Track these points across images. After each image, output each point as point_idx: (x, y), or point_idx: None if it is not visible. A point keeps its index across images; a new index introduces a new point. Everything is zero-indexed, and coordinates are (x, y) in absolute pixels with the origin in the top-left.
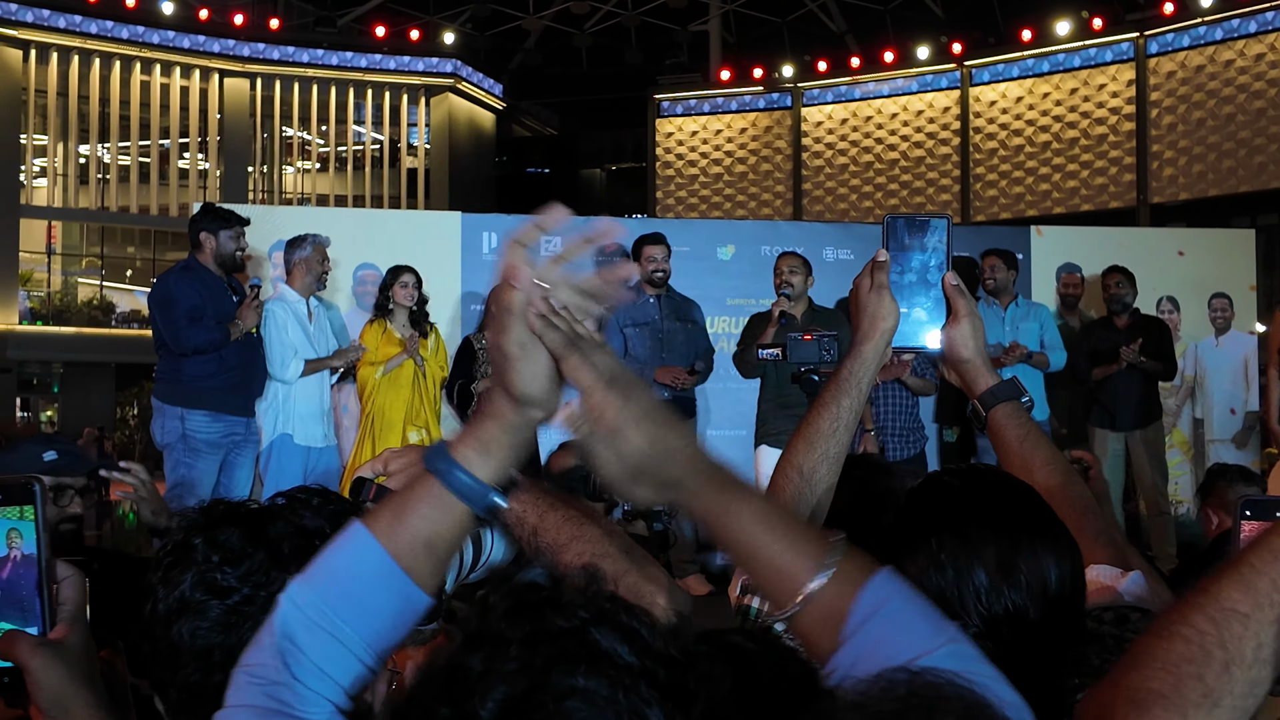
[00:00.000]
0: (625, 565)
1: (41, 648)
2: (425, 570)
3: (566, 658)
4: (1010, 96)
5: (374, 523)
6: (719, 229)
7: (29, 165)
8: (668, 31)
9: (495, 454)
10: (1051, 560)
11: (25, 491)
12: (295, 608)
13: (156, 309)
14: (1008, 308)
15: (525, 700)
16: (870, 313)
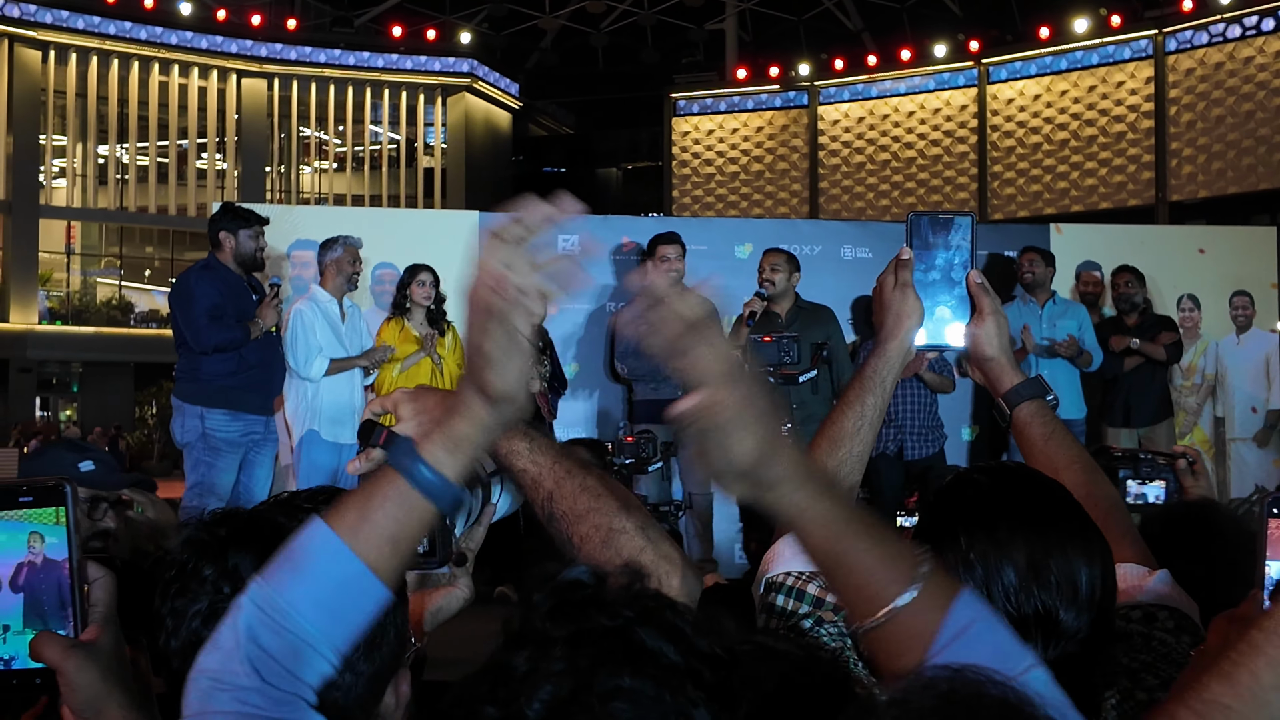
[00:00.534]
0: (641, 542)
1: (74, 649)
2: (389, 566)
3: (612, 657)
4: (1028, 94)
5: (338, 520)
6: (737, 228)
7: (48, 166)
8: (684, 30)
9: (464, 452)
10: (1082, 561)
11: (56, 493)
12: (260, 610)
13: (177, 307)
14: (1045, 305)
15: (571, 701)
16: (895, 311)
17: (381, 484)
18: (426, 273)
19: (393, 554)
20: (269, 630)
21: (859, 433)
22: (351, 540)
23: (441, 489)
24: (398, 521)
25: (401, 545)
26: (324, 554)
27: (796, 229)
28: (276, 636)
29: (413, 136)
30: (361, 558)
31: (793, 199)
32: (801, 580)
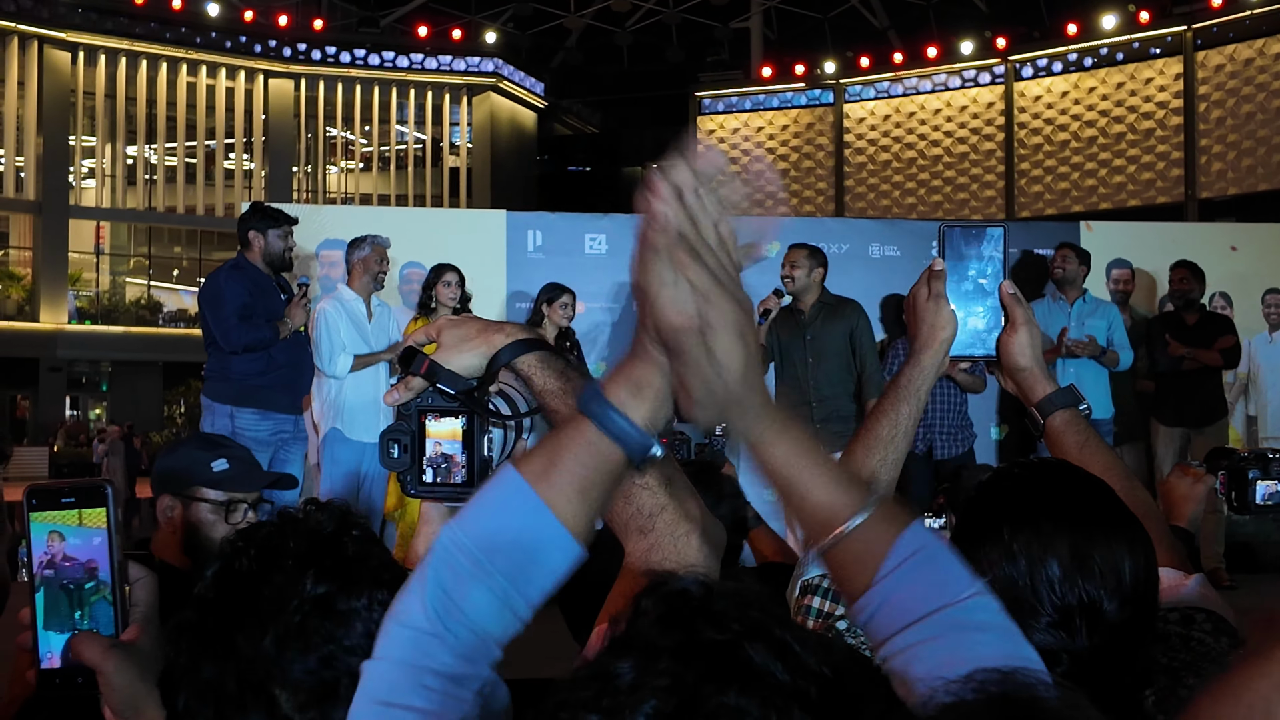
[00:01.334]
0: (664, 499)
1: (114, 650)
2: (580, 518)
3: (719, 674)
4: (1055, 91)
5: (527, 467)
6: None
7: (78, 166)
8: (709, 29)
9: (649, 396)
10: (1125, 551)
11: (97, 494)
12: (449, 555)
13: (206, 307)
14: (1074, 303)
15: (675, 716)
16: (929, 322)
17: (570, 430)
18: (452, 273)
19: (582, 503)
20: (456, 576)
21: (893, 440)
22: (541, 487)
23: (632, 434)
24: (587, 469)
25: (592, 495)
26: (515, 502)
27: (824, 227)
28: (463, 584)
29: (438, 136)
30: (550, 505)
31: (818, 197)
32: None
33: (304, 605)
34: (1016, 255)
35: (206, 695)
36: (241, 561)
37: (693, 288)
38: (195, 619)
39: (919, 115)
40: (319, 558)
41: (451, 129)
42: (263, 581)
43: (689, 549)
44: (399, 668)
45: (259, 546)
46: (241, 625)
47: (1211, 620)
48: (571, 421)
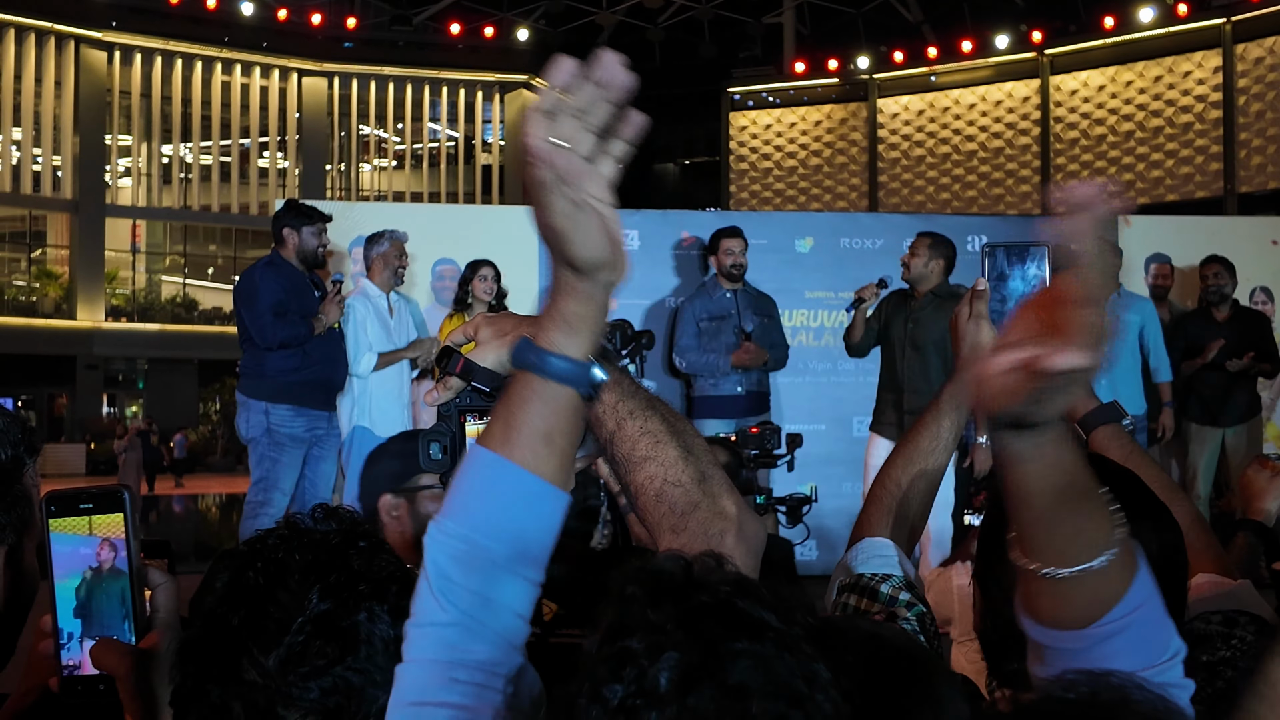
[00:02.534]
0: (697, 497)
1: (133, 655)
2: (554, 466)
3: (727, 625)
4: (1092, 85)
5: (489, 439)
6: (797, 221)
7: (114, 165)
8: (741, 24)
9: (581, 329)
10: (1151, 531)
11: (115, 499)
12: (441, 544)
13: (242, 304)
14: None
15: (701, 666)
16: (970, 342)
17: (516, 388)
18: (488, 268)
19: (550, 452)
20: (453, 560)
21: (934, 452)
22: (506, 451)
23: (573, 370)
24: (544, 418)
25: (557, 440)
26: (486, 472)
27: (858, 223)
28: (462, 564)
29: (471, 133)
30: (520, 464)
31: (851, 193)
32: (875, 580)
33: (306, 625)
34: None
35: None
36: (248, 575)
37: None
38: (202, 636)
39: (953, 110)
40: (323, 572)
41: (484, 126)
42: (268, 599)
43: (723, 548)
44: (426, 666)
45: (265, 560)
46: (246, 646)
47: (1255, 623)
48: (515, 379)
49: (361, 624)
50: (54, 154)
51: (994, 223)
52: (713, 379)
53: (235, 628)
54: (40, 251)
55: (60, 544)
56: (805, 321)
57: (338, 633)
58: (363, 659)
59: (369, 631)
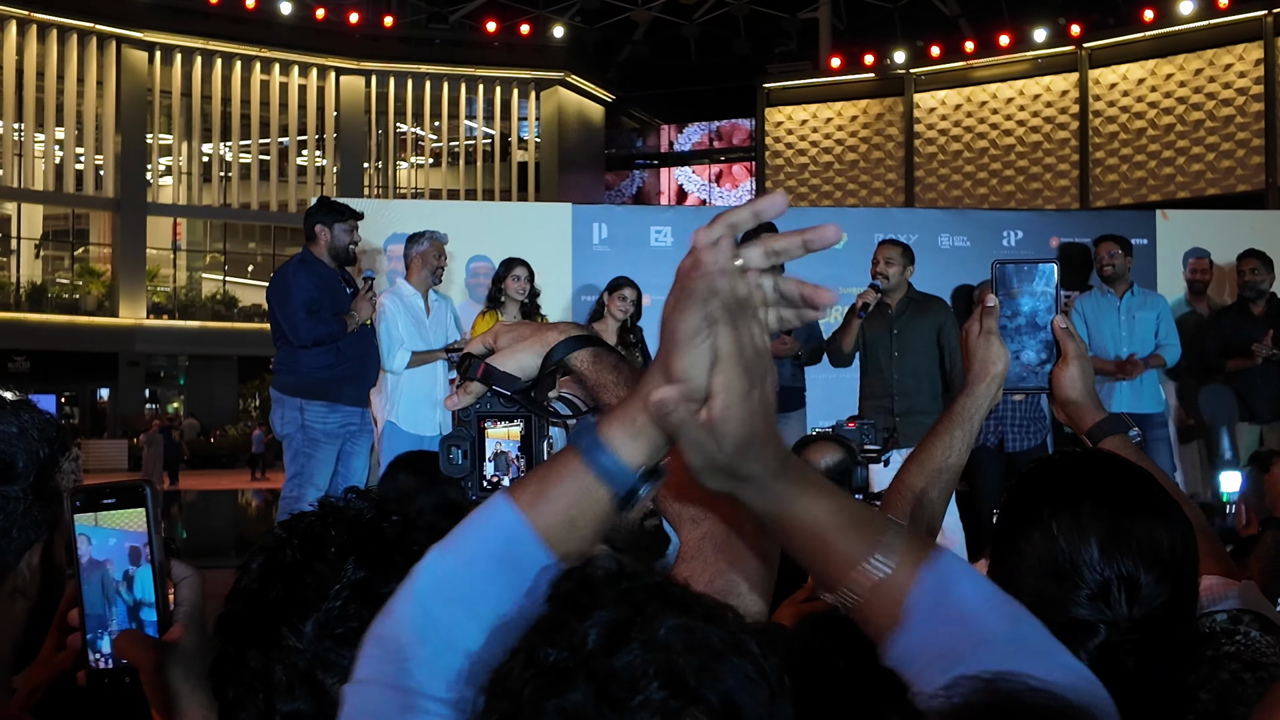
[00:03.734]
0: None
1: (157, 648)
2: (568, 546)
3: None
4: (1131, 78)
5: (518, 495)
6: (830, 217)
7: (155, 164)
8: (776, 20)
9: (645, 437)
10: (1162, 527)
11: (136, 494)
12: (434, 580)
13: (275, 302)
14: (1123, 296)
15: (629, 625)
16: (980, 358)
17: (562, 460)
18: (521, 267)
19: (570, 535)
20: (440, 600)
21: (946, 461)
22: (531, 514)
23: (619, 474)
24: (573, 503)
25: (580, 527)
26: (502, 526)
27: (892, 218)
28: (446, 607)
29: (506, 131)
30: (539, 533)
31: (888, 189)
32: None
33: (344, 591)
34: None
35: (255, 685)
36: (285, 553)
37: (713, 349)
38: (241, 611)
39: (990, 104)
40: (359, 545)
41: (520, 123)
42: (305, 571)
43: (744, 536)
44: (383, 690)
45: (301, 536)
46: (285, 615)
47: (1260, 621)
48: (565, 451)
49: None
50: (96, 153)
51: (1030, 217)
52: None
53: (274, 600)
54: (83, 250)
55: (85, 538)
56: (839, 317)
57: (377, 598)
58: None
59: None
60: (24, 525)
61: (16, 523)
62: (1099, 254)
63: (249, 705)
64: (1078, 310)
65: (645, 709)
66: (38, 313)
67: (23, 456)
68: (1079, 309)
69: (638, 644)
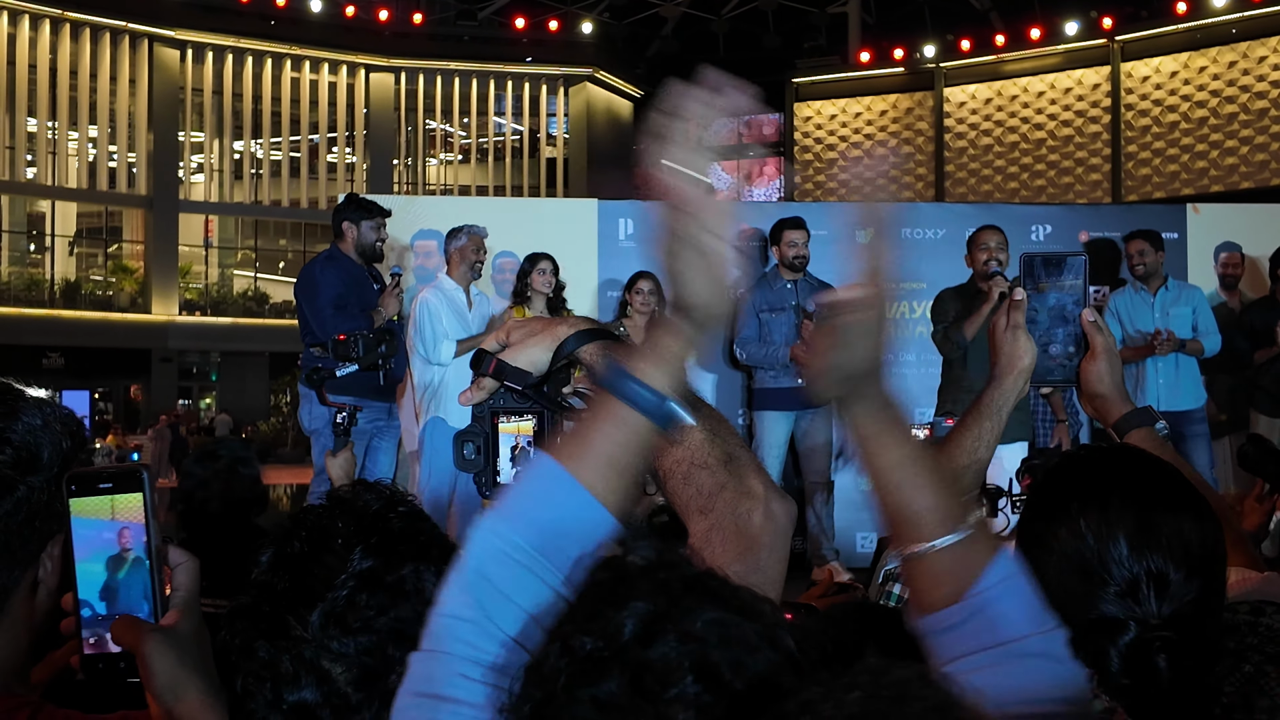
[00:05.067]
0: (724, 478)
1: (153, 634)
2: (616, 493)
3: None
4: (1164, 71)
5: (559, 451)
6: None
7: (187, 162)
8: (805, 14)
9: (670, 365)
10: (1191, 523)
11: (134, 479)
12: (489, 542)
13: (302, 298)
14: (1157, 292)
15: (665, 616)
16: (1006, 352)
17: (597, 408)
18: (546, 261)
19: (616, 479)
20: (496, 560)
21: (975, 452)
22: (574, 467)
23: (654, 403)
24: (616, 444)
25: (624, 468)
26: (550, 484)
27: (919, 212)
28: (504, 566)
29: (535, 127)
30: (586, 485)
31: (918, 183)
32: None
33: (350, 580)
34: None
35: (263, 675)
36: (294, 544)
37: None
38: (250, 602)
39: (1021, 98)
40: (366, 536)
41: (548, 120)
42: (313, 562)
43: (750, 526)
44: (437, 659)
45: (309, 528)
46: (293, 606)
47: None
48: (598, 400)
49: (408, 577)
50: (129, 151)
51: (1059, 212)
52: (773, 371)
53: (282, 591)
54: (116, 247)
55: (81, 523)
56: None
57: (384, 586)
58: (408, 613)
59: (416, 585)
60: (46, 516)
61: (40, 514)
62: (1129, 252)
63: (257, 695)
64: (1112, 307)
65: (679, 702)
66: (71, 309)
67: (47, 449)
68: (1113, 306)
69: (673, 636)
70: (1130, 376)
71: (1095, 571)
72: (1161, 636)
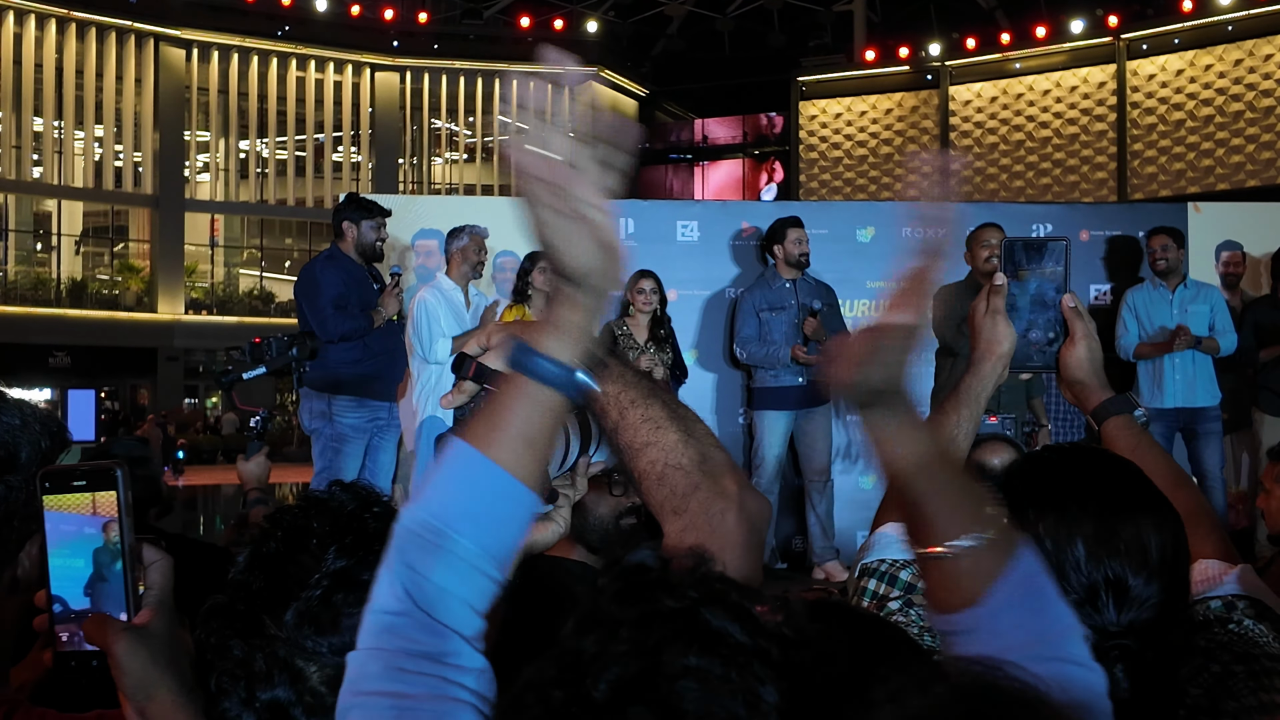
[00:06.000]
0: (697, 479)
1: (125, 633)
2: (530, 468)
3: (678, 638)
4: (1170, 69)
5: (470, 433)
6: (858, 211)
7: (193, 161)
8: (811, 13)
9: (573, 335)
10: (1151, 528)
11: (108, 477)
12: (410, 533)
13: (303, 297)
14: (1176, 290)
15: (638, 681)
16: (985, 337)
17: (505, 388)
18: (547, 260)
19: (531, 456)
20: (421, 550)
21: (953, 440)
22: (486, 447)
23: (562, 375)
24: (528, 421)
25: (538, 445)
26: (466, 467)
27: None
28: (429, 555)
29: None
30: (499, 463)
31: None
32: (895, 567)
33: (324, 580)
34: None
35: (237, 674)
36: (270, 544)
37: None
38: (225, 601)
39: (1027, 96)
40: (341, 535)
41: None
42: (289, 561)
43: (724, 526)
44: (374, 656)
45: (285, 528)
46: (269, 605)
47: (1255, 607)
48: (506, 380)
49: None
50: (135, 150)
51: (1060, 210)
52: (773, 370)
53: (258, 590)
54: (122, 246)
55: (54, 520)
56: (867, 311)
57: (358, 585)
58: None
59: None
60: (25, 515)
61: (18, 512)
62: (1151, 246)
63: (231, 694)
64: (1129, 303)
65: None
66: (78, 308)
67: (26, 448)
68: (1130, 302)
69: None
70: (1148, 374)
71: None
72: (1120, 645)
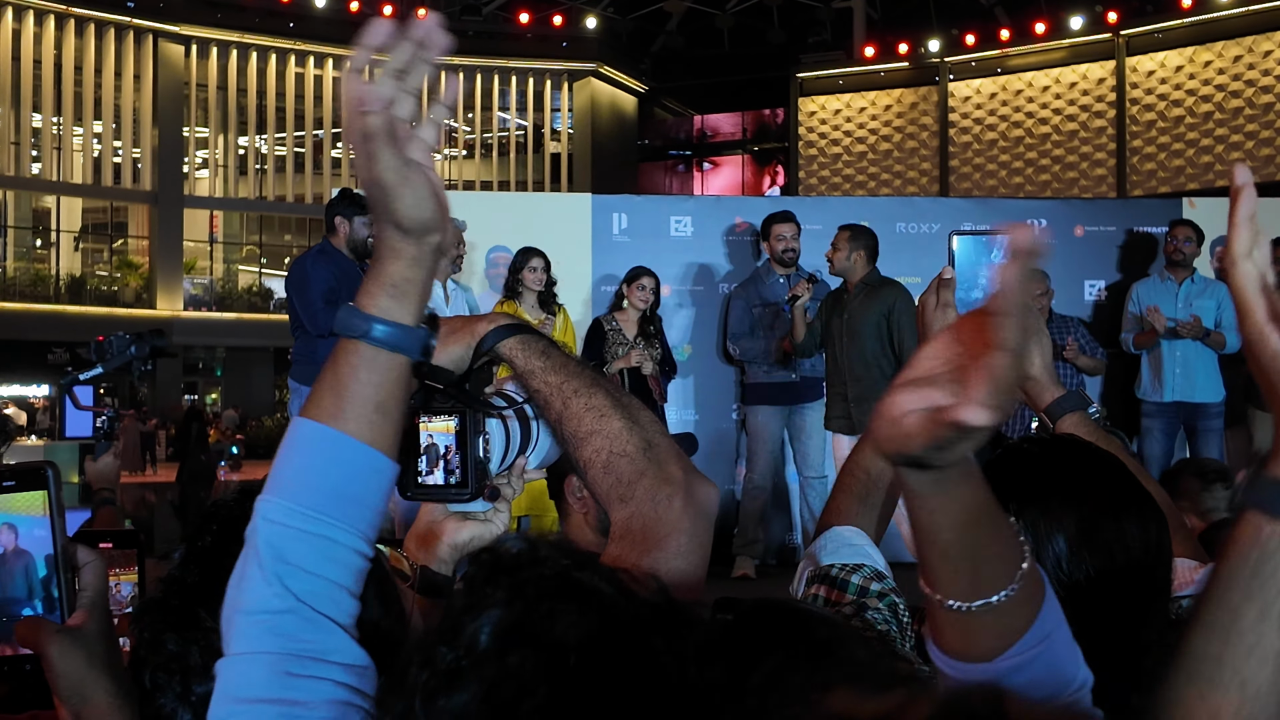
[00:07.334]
0: (643, 465)
1: (58, 634)
2: (385, 435)
3: (556, 592)
4: (1169, 66)
5: (316, 410)
6: (852, 207)
7: (192, 157)
8: (810, 9)
9: (409, 294)
10: (1134, 523)
11: (38, 477)
12: (273, 524)
13: (293, 291)
14: (1182, 283)
15: (522, 622)
16: (937, 330)
17: (344, 358)
18: (538, 257)
19: (383, 421)
20: (288, 540)
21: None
22: (336, 422)
23: (402, 336)
24: (375, 386)
25: (389, 409)
26: (317, 445)
27: (915, 207)
28: (298, 543)
29: (540, 122)
30: (355, 436)
31: (922, 179)
32: (845, 571)
33: None
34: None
35: (172, 668)
36: (204, 539)
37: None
38: (160, 597)
39: (1026, 93)
40: None
41: (553, 115)
42: (223, 555)
43: (670, 513)
44: (257, 661)
45: (220, 522)
46: (204, 599)
47: None
48: (341, 348)
49: None
50: (134, 146)
51: (1056, 206)
52: (766, 366)
53: (192, 585)
54: (121, 242)
55: None
56: None
57: None
58: None
59: None
60: None
61: None
62: (1174, 236)
63: (166, 690)
64: (1134, 295)
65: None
66: (77, 305)
67: None
68: (1135, 294)
69: (531, 644)
70: (1148, 366)
71: None
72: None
